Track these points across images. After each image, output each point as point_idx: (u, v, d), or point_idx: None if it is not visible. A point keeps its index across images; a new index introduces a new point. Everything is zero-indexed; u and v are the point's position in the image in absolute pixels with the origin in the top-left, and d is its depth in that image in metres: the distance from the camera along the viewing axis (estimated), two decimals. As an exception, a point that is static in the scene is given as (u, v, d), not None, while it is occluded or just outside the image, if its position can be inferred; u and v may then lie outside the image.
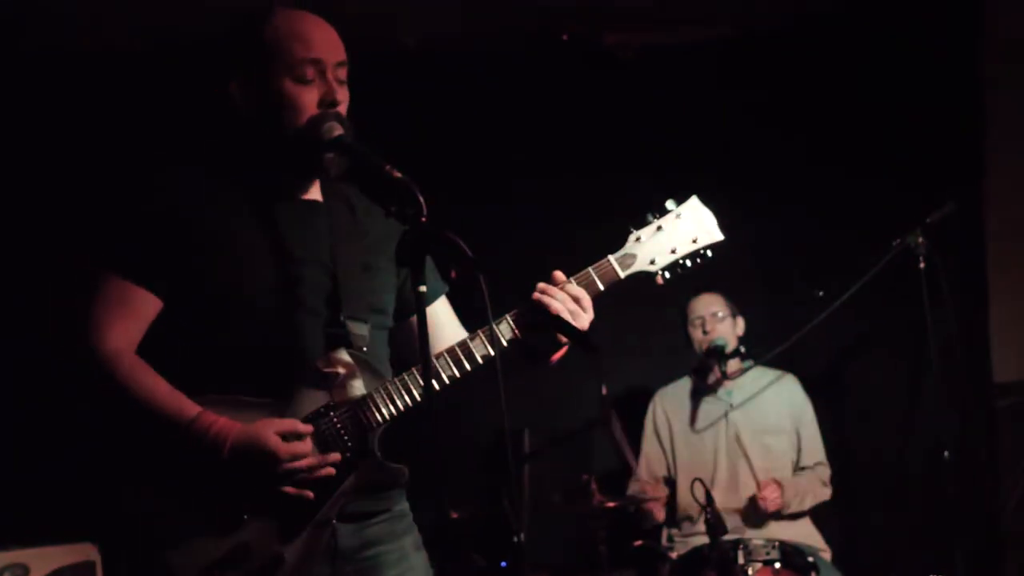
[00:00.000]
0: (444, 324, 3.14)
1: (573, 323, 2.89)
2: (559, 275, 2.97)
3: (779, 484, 5.37)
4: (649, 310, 5.83)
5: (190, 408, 2.74)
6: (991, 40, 5.59)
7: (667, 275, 3.04)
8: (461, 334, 3.08)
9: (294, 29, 2.85)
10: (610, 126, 6.21)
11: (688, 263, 3.05)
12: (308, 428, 2.78)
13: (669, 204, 3.06)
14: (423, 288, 2.56)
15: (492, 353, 2.89)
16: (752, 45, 6.25)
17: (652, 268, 3.02)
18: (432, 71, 6.03)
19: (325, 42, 2.86)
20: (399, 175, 2.65)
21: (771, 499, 5.30)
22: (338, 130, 2.81)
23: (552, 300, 2.91)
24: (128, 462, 2.81)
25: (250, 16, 2.92)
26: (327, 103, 2.83)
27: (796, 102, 6.12)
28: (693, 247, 3.04)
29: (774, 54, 6.20)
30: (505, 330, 2.92)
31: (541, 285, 2.95)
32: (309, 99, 2.82)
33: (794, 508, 5.43)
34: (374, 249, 3.01)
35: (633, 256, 3.01)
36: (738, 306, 5.75)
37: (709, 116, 6.21)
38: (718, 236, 3.06)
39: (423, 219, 2.58)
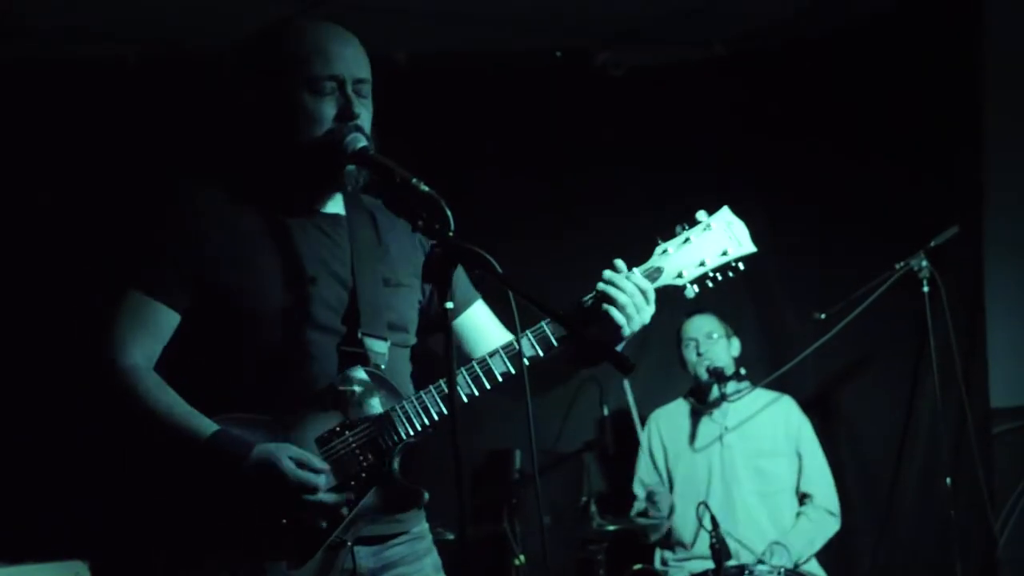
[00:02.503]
0: (487, 328, 3.08)
1: (636, 315, 2.83)
2: (621, 264, 2.89)
3: (786, 548, 5.31)
4: (642, 330, 5.77)
5: (207, 426, 2.69)
6: (991, 64, 5.57)
7: (696, 288, 2.95)
8: (506, 335, 3.01)
9: (316, 43, 2.82)
10: (606, 141, 6.16)
11: (719, 276, 2.95)
12: (325, 467, 2.71)
13: (700, 215, 2.97)
14: (450, 305, 2.51)
15: (512, 371, 2.83)
16: (750, 65, 6.22)
17: (679, 281, 2.93)
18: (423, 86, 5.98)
19: (345, 58, 2.83)
20: (427, 189, 2.60)
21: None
22: (362, 142, 2.77)
23: (619, 292, 2.84)
24: (141, 479, 2.77)
25: (274, 26, 2.89)
26: (345, 116, 2.79)
27: (797, 123, 6.09)
28: (723, 259, 2.95)
29: (773, 76, 6.17)
30: (533, 343, 2.84)
31: (608, 273, 2.87)
32: (327, 112, 2.79)
33: (807, 555, 5.37)
34: (396, 265, 2.96)
35: (659, 269, 2.93)
36: (733, 327, 5.71)
37: (707, 137, 6.18)
38: (750, 248, 2.97)
39: (451, 233, 2.53)
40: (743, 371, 5.54)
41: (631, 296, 2.84)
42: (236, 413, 2.74)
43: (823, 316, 5.40)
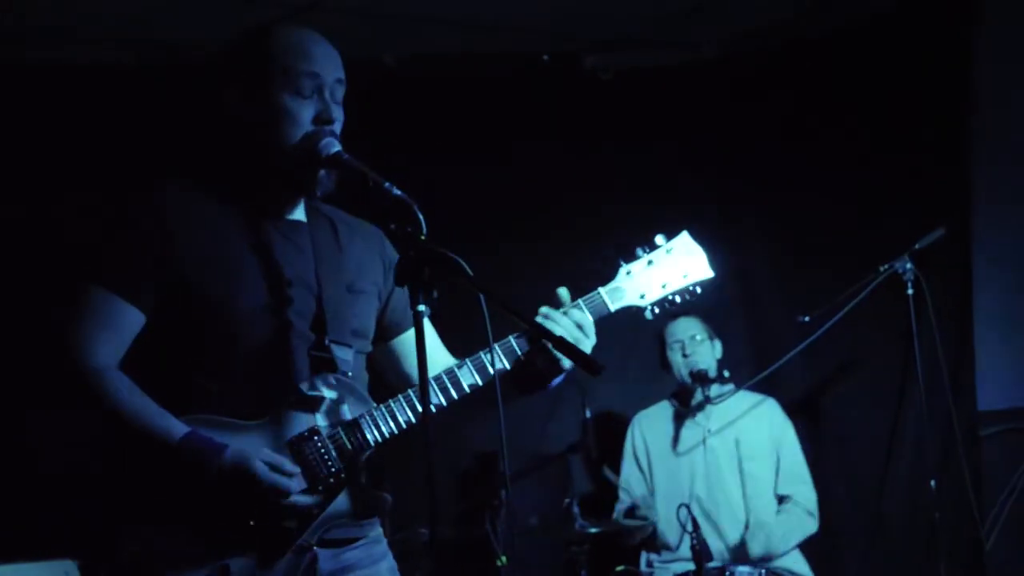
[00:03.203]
0: (430, 346, 3.08)
1: (572, 351, 2.85)
2: (563, 294, 2.98)
3: (765, 533, 5.31)
4: (626, 332, 5.80)
5: (178, 427, 2.70)
6: (979, 64, 5.58)
7: (656, 310, 3.07)
8: (446, 356, 3.09)
9: (296, 43, 2.85)
10: (587, 145, 6.17)
11: (677, 299, 3.08)
12: (295, 469, 2.74)
13: (659, 239, 3.08)
14: (422, 308, 2.53)
15: (480, 383, 2.90)
16: (738, 68, 6.23)
17: (642, 303, 3.05)
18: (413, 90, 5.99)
19: (325, 58, 2.86)
20: (399, 193, 2.62)
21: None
22: (336, 146, 2.79)
23: (555, 326, 2.91)
24: (113, 480, 2.77)
25: (254, 29, 2.92)
26: (322, 120, 2.81)
27: (782, 126, 6.10)
28: (684, 283, 3.07)
29: (761, 78, 6.18)
30: (500, 356, 2.91)
31: (544, 310, 2.95)
32: (305, 114, 2.81)
33: (781, 550, 5.37)
34: (357, 272, 2.99)
35: (623, 290, 3.04)
36: (715, 329, 5.71)
37: (692, 138, 6.19)
38: (708, 272, 3.09)
39: (423, 237, 2.55)
40: (726, 373, 5.54)
41: (567, 331, 2.91)
42: (205, 415, 2.74)
43: (807, 319, 5.40)
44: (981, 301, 5.57)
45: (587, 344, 2.93)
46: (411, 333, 3.04)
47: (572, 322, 2.92)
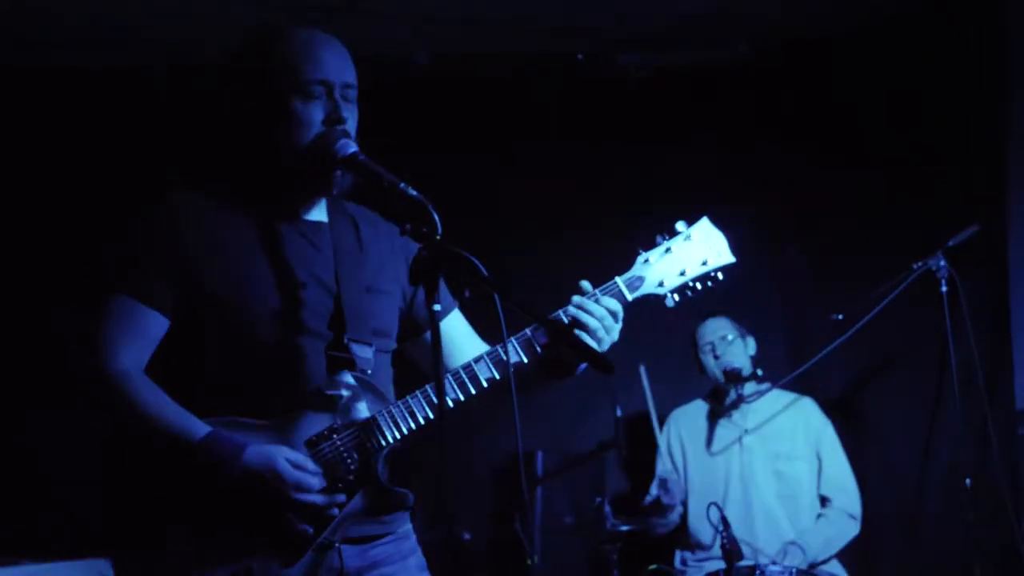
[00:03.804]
0: (462, 338, 3.14)
1: (606, 336, 2.90)
2: (586, 287, 2.97)
3: (801, 548, 5.27)
4: (658, 330, 5.80)
5: (200, 428, 2.73)
6: (1012, 60, 5.52)
7: (676, 297, 3.03)
8: (481, 346, 3.08)
9: (305, 49, 2.87)
10: (624, 144, 6.17)
11: (698, 285, 3.04)
12: (317, 468, 2.76)
13: (679, 225, 3.05)
14: (438, 307, 2.55)
15: (498, 376, 2.89)
16: (771, 67, 6.21)
17: (661, 291, 3.02)
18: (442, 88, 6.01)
19: (334, 63, 2.88)
20: (415, 193, 2.64)
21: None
22: (353, 147, 2.81)
23: (589, 316, 2.91)
24: (138, 481, 2.79)
25: (262, 32, 2.94)
26: (333, 120, 2.84)
27: (819, 123, 6.07)
28: (703, 269, 3.03)
29: (793, 76, 6.16)
30: (517, 349, 2.91)
31: (577, 299, 2.95)
32: (315, 116, 2.83)
33: (824, 556, 5.34)
34: (378, 271, 3.01)
35: (641, 278, 3.01)
36: (757, 327, 5.69)
37: (728, 137, 6.17)
38: (729, 258, 3.05)
39: (438, 237, 2.57)
40: (759, 372, 5.51)
41: (600, 319, 2.92)
42: (226, 416, 2.77)
43: (841, 317, 5.38)
44: (1018, 297, 5.51)
45: (616, 331, 2.93)
46: (444, 326, 3.04)
47: (605, 309, 2.92)
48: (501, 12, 5.64)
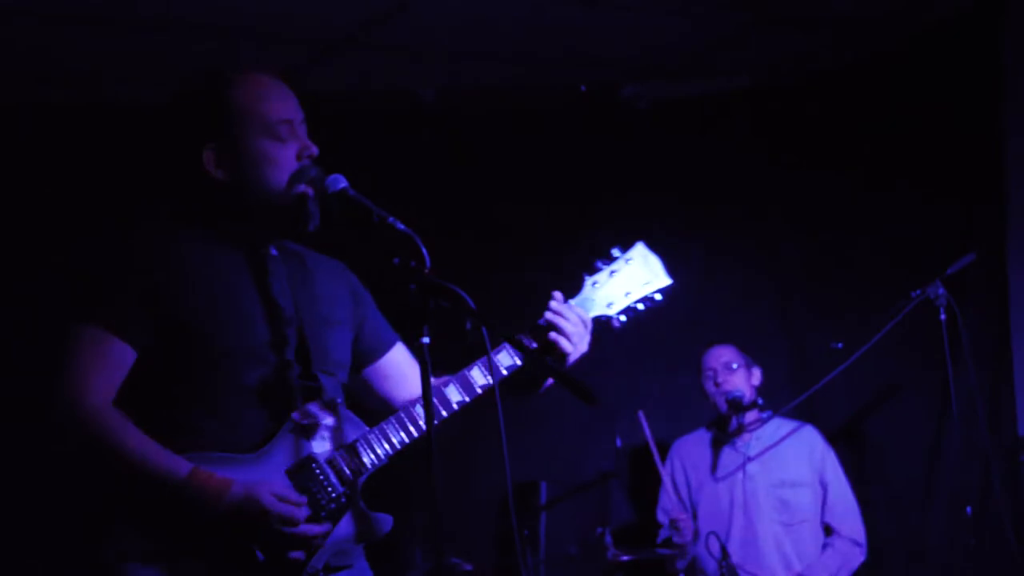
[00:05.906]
0: (410, 368, 3.17)
1: (580, 343, 3.04)
2: (560, 296, 3.10)
3: None
4: (662, 361, 5.84)
5: (182, 465, 2.71)
6: (1012, 86, 5.55)
7: (623, 318, 3.20)
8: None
9: (261, 92, 2.91)
10: (624, 172, 6.20)
11: (641, 306, 3.19)
12: (302, 499, 2.77)
13: (615, 251, 3.21)
14: (426, 340, 2.58)
15: (467, 399, 2.98)
16: (770, 98, 6.25)
17: (610, 311, 3.17)
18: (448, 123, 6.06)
19: (290, 102, 2.94)
20: (403, 227, 2.68)
21: None
22: (343, 182, 2.84)
23: (566, 322, 3.03)
24: (116, 521, 2.75)
25: (213, 80, 2.95)
26: (305, 155, 2.89)
27: (817, 152, 6.10)
28: (647, 290, 3.19)
29: (793, 107, 6.19)
30: (484, 371, 3.01)
31: (555, 304, 3.07)
32: (287, 155, 2.88)
33: None
34: (330, 304, 3.04)
35: (592, 300, 3.17)
36: (761, 356, 5.71)
37: (730, 169, 6.20)
38: (666, 280, 3.21)
39: (427, 271, 2.61)
40: (760, 400, 5.53)
41: (575, 326, 3.04)
42: (200, 451, 2.75)
43: (840, 345, 5.40)
44: (1019, 325, 5.52)
45: (586, 342, 3.07)
46: (387, 358, 3.16)
47: (578, 317, 3.06)
48: (504, 46, 5.69)
